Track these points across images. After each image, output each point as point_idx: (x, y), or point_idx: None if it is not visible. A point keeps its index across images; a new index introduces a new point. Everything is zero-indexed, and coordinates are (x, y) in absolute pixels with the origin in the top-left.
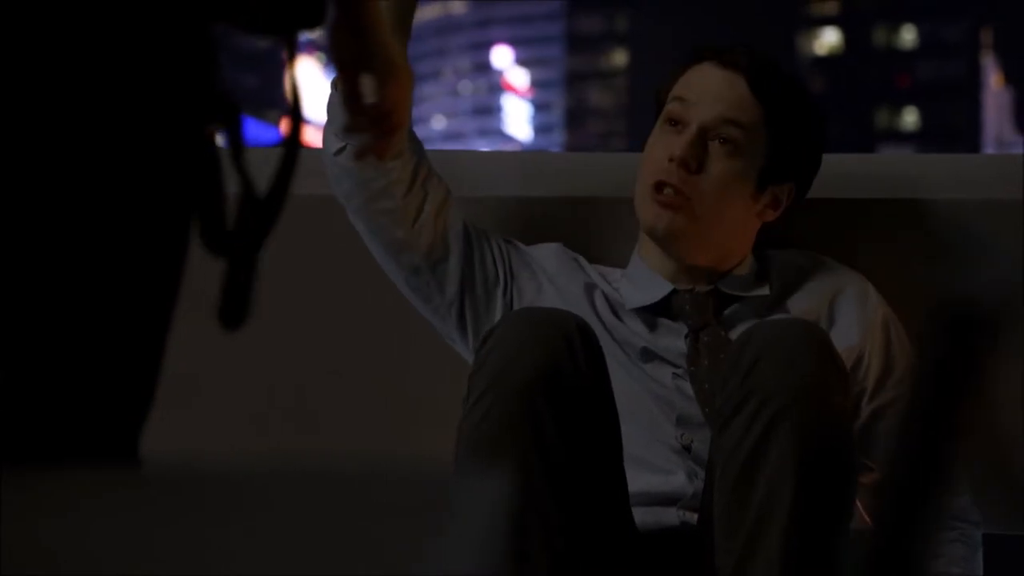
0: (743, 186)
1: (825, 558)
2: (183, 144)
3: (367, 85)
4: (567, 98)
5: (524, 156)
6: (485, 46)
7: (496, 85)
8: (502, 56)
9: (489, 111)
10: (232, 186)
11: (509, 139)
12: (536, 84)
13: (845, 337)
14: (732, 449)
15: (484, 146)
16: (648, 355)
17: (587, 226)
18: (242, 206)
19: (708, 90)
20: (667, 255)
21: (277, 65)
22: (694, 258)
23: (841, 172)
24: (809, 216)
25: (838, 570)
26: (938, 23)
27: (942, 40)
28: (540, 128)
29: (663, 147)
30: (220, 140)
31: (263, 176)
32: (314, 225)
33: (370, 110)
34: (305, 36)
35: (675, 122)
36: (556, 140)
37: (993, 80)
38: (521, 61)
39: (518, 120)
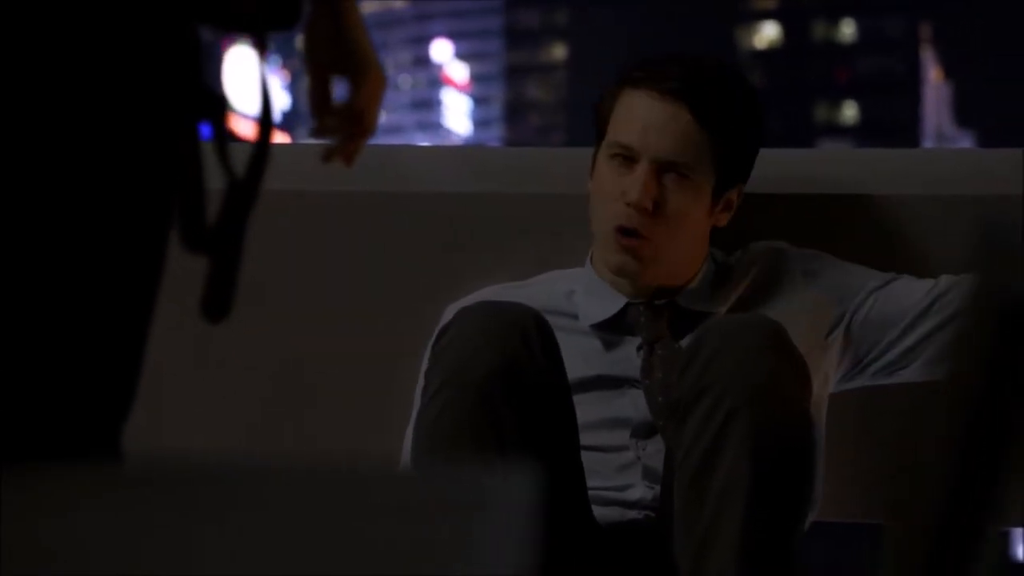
0: (700, 208)
1: (781, 554)
2: (169, 139)
3: (340, 86)
4: (506, 92)
5: (465, 151)
6: (424, 40)
7: (435, 79)
8: (441, 50)
9: (428, 105)
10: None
11: (448, 133)
12: (475, 78)
13: (827, 295)
14: (689, 445)
15: (423, 140)
16: (602, 380)
17: (530, 222)
18: (226, 200)
19: (652, 125)
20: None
21: (216, 60)
22: (654, 281)
23: (799, 169)
24: (766, 213)
25: (793, 566)
26: (877, 17)
27: (881, 34)
28: (479, 122)
29: (615, 184)
30: (205, 135)
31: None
32: (287, 220)
33: (342, 111)
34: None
35: (623, 158)
36: (495, 134)
37: (932, 74)
38: (460, 55)
39: (457, 114)
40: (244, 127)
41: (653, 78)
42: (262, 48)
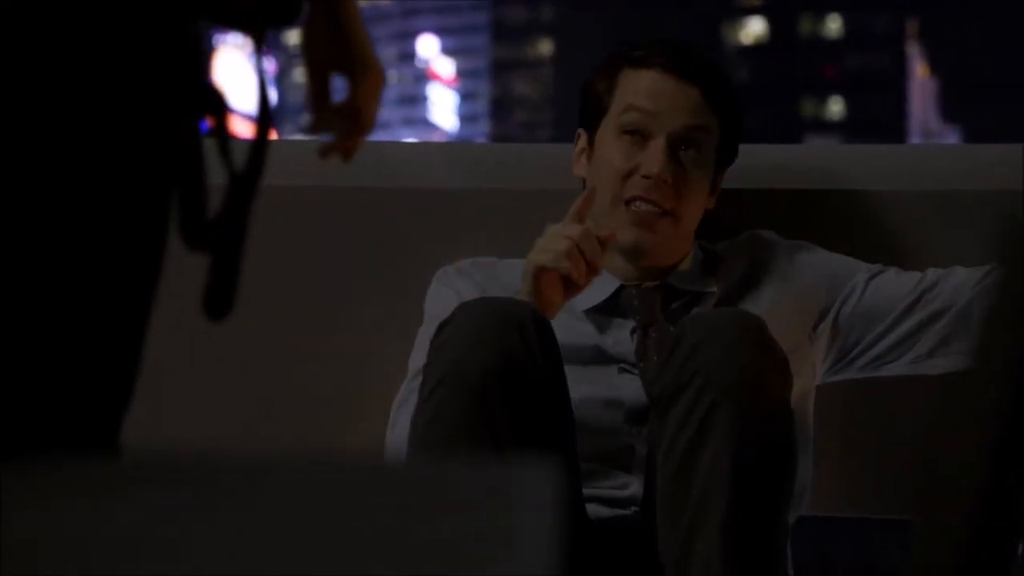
0: (707, 185)
1: (765, 546)
2: (170, 134)
3: (337, 83)
4: (493, 87)
5: (451, 147)
6: (411, 35)
7: (422, 74)
8: (428, 45)
9: (415, 100)
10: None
11: (435, 128)
12: (462, 73)
13: (815, 287)
14: (671, 439)
15: (410, 135)
16: (598, 354)
17: (517, 218)
18: (227, 196)
19: (667, 100)
20: (625, 261)
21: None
22: (654, 262)
23: (793, 163)
24: (756, 209)
25: (778, 558)
26: (864, 13)
27: (868, 30)
28: (466, 117)
29: (627, 159)
30: (206, 131)
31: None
32: (274, 216)
33: (340, 109)
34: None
35: (634, 132)
36: (482, 129)
37: (919, 70)
38: (447, 50)
39: (444, 109)
40: (236, 124)
41: (658, 58)
42: (260, 45)
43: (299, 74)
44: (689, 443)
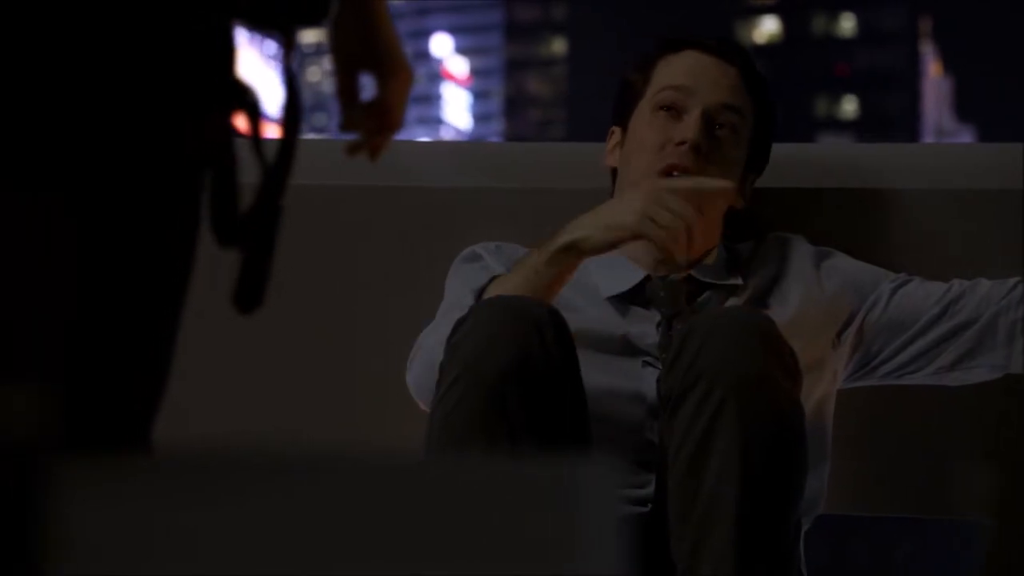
0: (737, 169)
1: (776, 542)
2: (203, 132)
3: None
4: (506, 86)
5: (465, 146)
6: (424, 34)
7: (435, 73)
8: (441, 44)
9: (428, 99)
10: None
11: (448, 127)
12: (475, 72)
13: (848, 293)
14: (681, 437)
15: (423, 134)
16: (626, 345)
17: (530, 217)
18: (260, 192)
19: (705, 77)
20: (652, 248)
21: None
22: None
23: (802, 160)
24: (772, 207)
25: (789, 554)
26: (877, 11)
27: (881, 28)
28: (479, 116)
29: (661, 133)
30: (239, 128)
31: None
32: (298, 215)
33: (369, 107)
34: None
35: (670, 108)
36: (495, 128)
37: (932, 68)
38: (460, 49)
39: (457, 108)
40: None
41: (698, 41)
42: (290, 43)
43: (312, 73)
44: (699, 441)
